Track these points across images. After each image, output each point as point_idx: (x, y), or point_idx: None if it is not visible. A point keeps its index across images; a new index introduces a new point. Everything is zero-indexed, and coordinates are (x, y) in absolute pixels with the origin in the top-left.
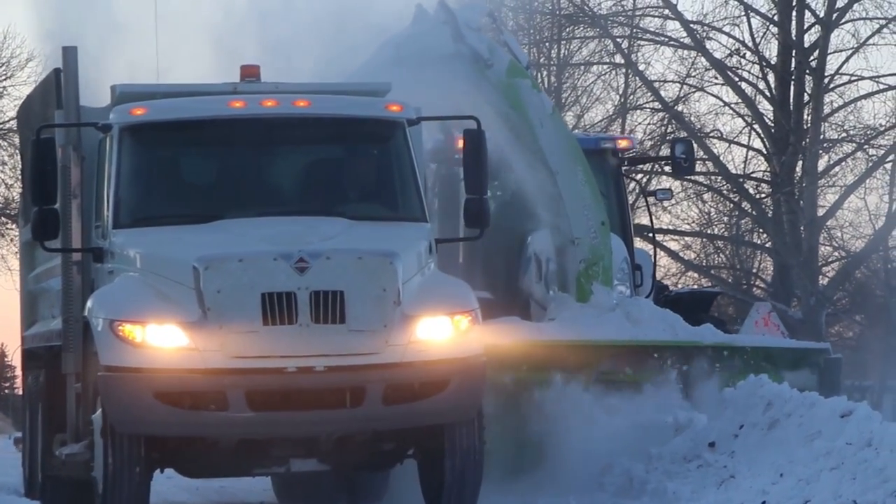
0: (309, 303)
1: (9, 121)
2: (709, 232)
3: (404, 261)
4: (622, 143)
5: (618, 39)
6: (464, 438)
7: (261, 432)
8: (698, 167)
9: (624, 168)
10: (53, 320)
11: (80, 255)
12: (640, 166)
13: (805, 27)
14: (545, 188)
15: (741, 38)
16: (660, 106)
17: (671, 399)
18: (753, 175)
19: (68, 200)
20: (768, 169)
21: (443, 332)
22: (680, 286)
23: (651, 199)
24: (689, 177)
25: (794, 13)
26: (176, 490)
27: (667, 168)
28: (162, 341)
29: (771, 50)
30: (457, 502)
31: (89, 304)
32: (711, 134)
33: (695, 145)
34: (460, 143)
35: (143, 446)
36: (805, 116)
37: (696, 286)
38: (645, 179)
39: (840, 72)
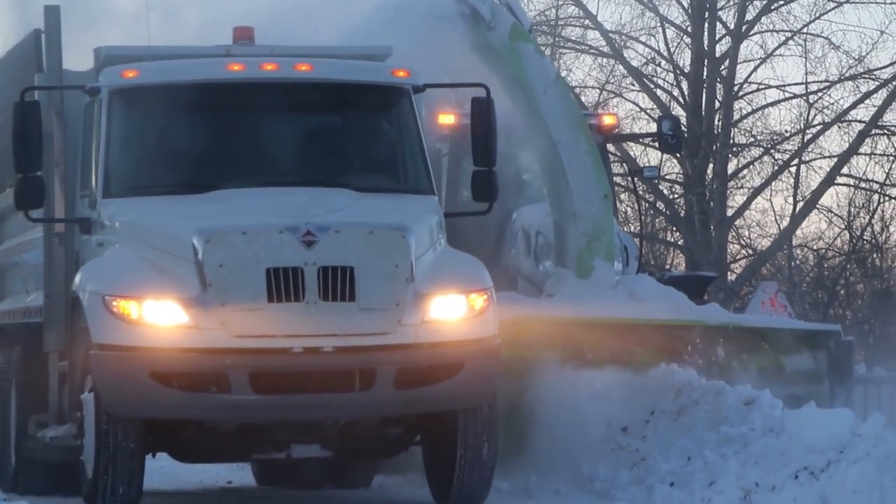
0: (317, 279)
1: None
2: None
3: (417, 235)
4: (607, 120)
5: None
6: (478, 425)
7: (264, 416)
8: (615, 168)
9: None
10: (29, 295)
11: (63, 227)
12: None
13: (717, 38)
14: (545, 158)
15: (657, 48)
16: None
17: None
18: (667, 177)
19: (50, 169)
20: (681, 171)
21: (457, 312)
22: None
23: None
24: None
25: (706, 25)
26: None
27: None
28: (159, 318)
29: (684, 59)
30: (468, 493)
31: (79, 277)
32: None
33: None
34: (441, 118)
35: (139, 429)
36: (716, 122)
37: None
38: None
39: (749, 80)
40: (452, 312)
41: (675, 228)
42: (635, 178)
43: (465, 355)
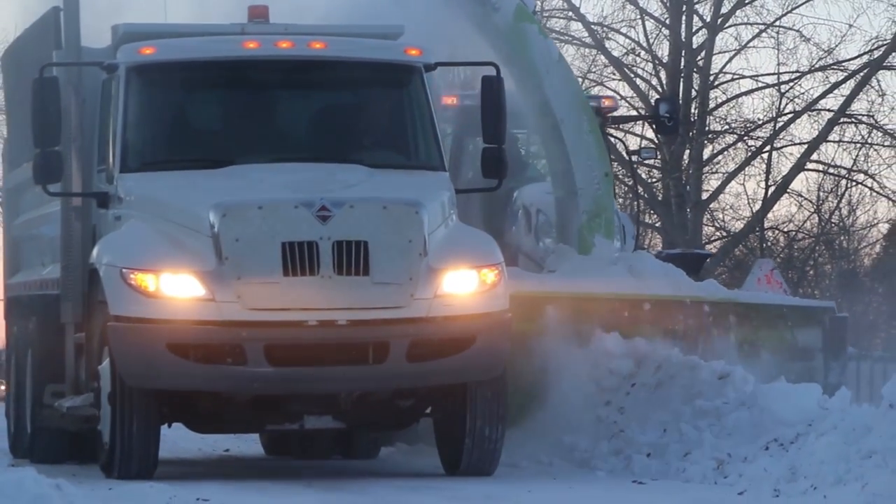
0: (331, 253)
1: None
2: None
3: (429, 211)
4: (606, 103)
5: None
6: (488, 397)
7: (279, 388)
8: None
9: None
10: (45, 268)
11: (80, 201)
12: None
13: (693, 30)
14: (548, 137)
15: (637, 39)
16: None
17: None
18: (646, 161)
19: (68, 144)
20: (659, 157)
21: (469, 286)
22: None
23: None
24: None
25: (683, 17)
26: None
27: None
28: (176, 291)
29: (663, 50)
30: (478, 463)
31: (96, 251)
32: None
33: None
34: (446, 99)
35: (155, 400)
36: (692, 110)
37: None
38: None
39: (724, 71)
40: (464, 287)
41: (652, 211)
42: (628, 161)
43: (477, 329)
